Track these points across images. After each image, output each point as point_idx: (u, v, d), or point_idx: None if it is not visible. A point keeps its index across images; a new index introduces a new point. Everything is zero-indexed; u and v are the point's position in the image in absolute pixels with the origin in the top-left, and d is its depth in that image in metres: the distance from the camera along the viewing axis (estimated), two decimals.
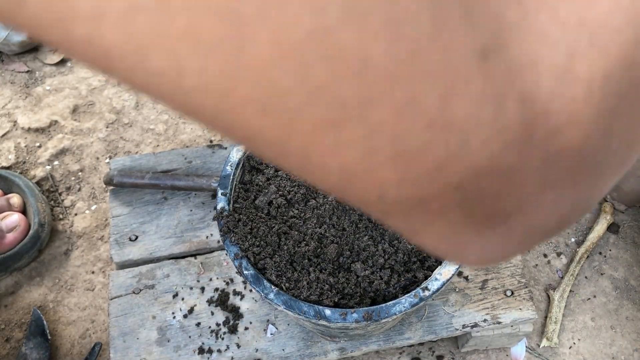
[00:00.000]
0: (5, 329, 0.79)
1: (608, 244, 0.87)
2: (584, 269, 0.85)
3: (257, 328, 0.69)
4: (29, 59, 1.07)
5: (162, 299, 0.71)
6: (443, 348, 0.78)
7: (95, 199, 0.90)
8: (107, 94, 1.03)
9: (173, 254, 0.75)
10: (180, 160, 0.81)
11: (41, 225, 0.82)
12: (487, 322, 0.69)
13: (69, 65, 1.07)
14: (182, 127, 0.99)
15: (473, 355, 0.78)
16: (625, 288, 0.84)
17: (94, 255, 0.85)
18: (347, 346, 0.67)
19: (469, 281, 0.72)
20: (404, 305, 0.47)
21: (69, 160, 0.95)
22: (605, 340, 0.80)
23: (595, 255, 0.86)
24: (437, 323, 0.69)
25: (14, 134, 0.97)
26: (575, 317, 0.81)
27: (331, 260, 0.51)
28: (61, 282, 0.83)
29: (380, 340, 0.68)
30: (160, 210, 0.78)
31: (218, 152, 0.82)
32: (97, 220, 0.88)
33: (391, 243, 0.52)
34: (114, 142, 0.97)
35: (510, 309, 0.70)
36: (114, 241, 0.75)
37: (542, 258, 0.86)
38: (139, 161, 0.81)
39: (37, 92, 1.03)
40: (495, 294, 0.71)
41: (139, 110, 1.01)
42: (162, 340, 0.69)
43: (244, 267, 0.49)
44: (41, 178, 0.92)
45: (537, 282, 0.84)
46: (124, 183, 0.77)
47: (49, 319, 0.80)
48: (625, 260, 0.86)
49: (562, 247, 0.87)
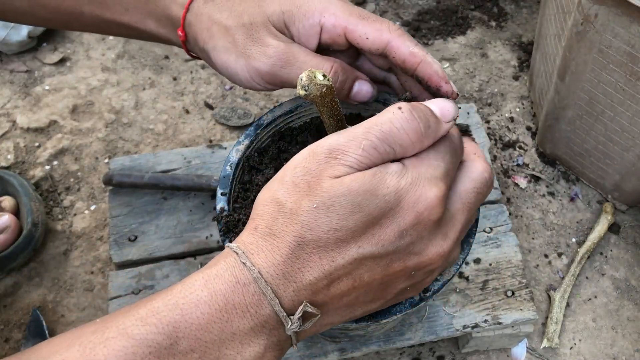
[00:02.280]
0: (5, 330, 0.79)
1: (609, 244, 0.87)
2: (585, 269, 0.85)
3: None
4: (28, 58, 1.07)
5: None
6: (443, 349, 0.78)
7: (94, 199, 0.90)
8: (106, 94, 1.03)
9: (172, 254, 0.75)
10: (180, 160, 0.81)
11: (34, 225, 0.82)
12: (488, 323, 0.68)
13: (68, 65, 1.06)
14: (182, 127, 0.98)
15: (473, 356, 0.77)
16: (626, 288, 0.84)
17: (93, 255, 0.85)
18: (348, 347, 0.67)
19: (470, 282, 0.71)
20: (404, 305, 0.47)
21: (68, 160, 0.94)
22: (606, 341, 0.79)
23: (596, 255, 0.86)
24: (438, 324, 0.68)
25: (13, 133, 0.97)
26: (576, 317, 0.81)
27: None
28: (60, 282, 0.83)
29: (380, 341, 0.68)
30: (160, 211, 0.77)
31: (217, 152, 0.82)
32: (96, 221, 0.88)
33: None
34: (113, 142, 0.97)
35: (510, 310, 0.69)
36: (113, 241, 0.75)
37: (543, 258, 0.86)
38: (138, 161, 0.81)
39: (36, 91, 1.02)
40: (495, 295, 0.70)
41: (138, 110, 1.01)
42: None
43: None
44: (40, 178, 0.92)
45: (537, 283, 0.83)
46: (123, 183, 0.77)
47: (48, 319, 0.80)
48: (626, 261, 0.86)
49: (563, 247, 0.87)
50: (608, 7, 0.62)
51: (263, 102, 1.02)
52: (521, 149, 0.96)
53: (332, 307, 0.38)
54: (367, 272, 0.36)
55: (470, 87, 1.04)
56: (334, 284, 0.36)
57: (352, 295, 0.37)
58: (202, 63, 1.07)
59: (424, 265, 0.38)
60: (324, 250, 0.35)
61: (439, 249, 0.38)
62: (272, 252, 0.36)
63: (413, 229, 0.36)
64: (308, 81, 0.37)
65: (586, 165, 0.88)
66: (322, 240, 0.35)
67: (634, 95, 0.69)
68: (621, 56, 0.66)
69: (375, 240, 0.36)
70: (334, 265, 0.36)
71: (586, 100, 0.76)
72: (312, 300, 0.36)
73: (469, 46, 1.10)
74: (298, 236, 0.35)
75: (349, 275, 0.36)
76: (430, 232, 0.37)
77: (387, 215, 0.36)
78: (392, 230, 0.36)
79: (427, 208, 0.36)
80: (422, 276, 0.40)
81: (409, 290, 0.41)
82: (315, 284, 0.36)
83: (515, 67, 1.07)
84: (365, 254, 0.36)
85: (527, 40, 1.10)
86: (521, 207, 0.90)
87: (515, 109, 1.01)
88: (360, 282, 0.37)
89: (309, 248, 0.35)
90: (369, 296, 0.39)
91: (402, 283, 0.39)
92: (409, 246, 0.37)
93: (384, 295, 0.39)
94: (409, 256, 0.37)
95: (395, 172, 0.36)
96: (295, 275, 0.36)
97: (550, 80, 0.83)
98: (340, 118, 0.43)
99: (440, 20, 1.13)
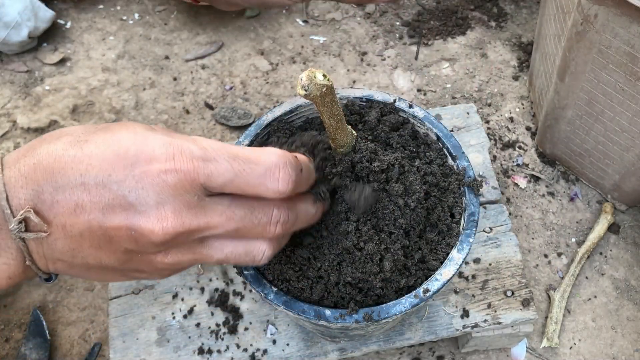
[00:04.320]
0: (5, 329, 0.79)
1: (609, 244, 0.87)
2: (585, 269, 0.85)
3: (257, 328, 0.69)
4: (29, 58, 1.07)
5: (161, 299, 0.71)
6: (443, 348, 0.78)
7: None
8: (106, 94, 1.03)
9: None
10: None
11: None
12: (488, 323, 0.68)
13: (69, 65, 1.06)
14: (182, 127, 0.99)
15: (473, 356, 0.78)
16: (626, 288, 0.84)
17: None
18: (347, 346, 0.67)
19: (470, 281, 0.71)
20: (404, 305, 0.47)
21: None
22: (605, 341, 0.80)
23: (595, 255, 0.86)
24: (438, 323, 0.68)
25: (13, 134, 0.97)
26: (575, 317, 0.81)
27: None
28: (60, 282, 0.83)
29: (380, 341, 0.68)
30: None
31: None
32: None
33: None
34: None
35: (510, 310, 0.69)
36: None
37: (542, 258, 0.86)
38: None
39: (36, 92, 1.03)
40: (495, 295, 0.70)
41: (138, 110, 1.01)
42: (162, 341, 0.68)
43: (244, 267, 0.49)
44: None
45: (537, 283, 0.84)
46: None
47: (48, 319, 0.80)
48: (626, 261, 0.86)
49: (562, 247, 0.87)
50: (608, 7, 0.63)
51: (263, 102, 1.02)
52: (521, 149, 0.96)
53: (58, 233, 0.37)
54: (89, 201, 0.36)
55: (470, 87, 1.04)
56: (57, 201, 0.36)
57: (75, 228, 0.37)
58: (202, 63, 1.07)
59: (142, 229, 0.36)
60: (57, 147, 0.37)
61: (162, 216, 0.36)
62: (23, 151, 0.38)
63: (141, 178, 0.36)
64: (308, 81, 0.37)
65: (586, 165, 0.88)
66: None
67: (634, 95, 0.69)
68: (621, 56, 0.66)
69: (105, 167, 0.36)
70: (61, 174, 0.36)
71: (586, 101, 0.76)
72: (39, 210, 0.36)
73: (469, 46, 1.10)
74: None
75: (71, 195, 0.36)
76: (158, 194, 0.36)
77: (127, 154, 0.36)
78: (123, 168, 0.36)
79: (163, 169, 0.36)
80: (149, 248, 0.38)
81: (140, 262, 0.39)
82: (42, 190, 0.36)
83: (515, 67, 1.07)
84: (91, 175, 0.36)
85: (527, 40, 1.10)
86: (521, 207, 0.90)
87: (514, 109, 1.01)
88: (81, 211, 0.36)
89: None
90: (94, 242, 0.37)
91: (125, 243, 0.37)
92: (131, 194, 0.36)
93: (111, 251, 0.38)
94: (125, 201, 0.36)
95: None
96: (27, 171, 0.36)
97: (550, 81, 0.83)
98: (340, 118, 0.43)
99: (440, 21, 1.13)
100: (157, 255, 0.39)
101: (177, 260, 0.39)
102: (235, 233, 0.40)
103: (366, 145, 0.48)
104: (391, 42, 1.10)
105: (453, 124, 0.83)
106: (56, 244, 0.37)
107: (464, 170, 0.54)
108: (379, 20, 1.14)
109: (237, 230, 0.40)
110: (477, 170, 0.80)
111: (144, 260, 0.39)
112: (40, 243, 0.37)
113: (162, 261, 0.39)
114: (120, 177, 0.36)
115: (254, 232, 0.41)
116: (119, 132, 0.37)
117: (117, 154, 0.36)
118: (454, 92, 1.04)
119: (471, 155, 0.80)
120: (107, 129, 0.38)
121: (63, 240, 0.37)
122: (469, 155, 0.79)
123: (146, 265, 0.40)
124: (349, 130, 0.46)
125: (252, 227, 0.40)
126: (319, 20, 1.14)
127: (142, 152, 0.36)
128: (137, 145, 0.36)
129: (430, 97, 1.03)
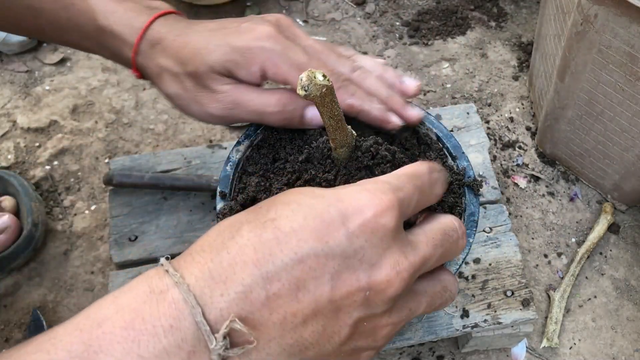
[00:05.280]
0: (5, 330, 0.79)
1: (609, 244, 0.87)
2: (585, 269, 0.85)
3: None
4: (29, 58, 1.07)
5: None
6: (443, 348, 0.78)
7: (94, 199, 0.90)
8: (106, 94, 1.03)
9: (173, 254, 0.75)
10: (180, 160, 0.81)
11: (35, 225, 0.82)
12: (488, 323, 0.68)
13: (69, 65, 1.06)
14: (182, 127, 0.99)
15: (473, 356, 0.78)
16: (626, 288, 0.84)
17: (94, 255, 0.85)
18: None
19: (469, 281, 0.71)
20: None
21: (69, 160, 0.94)
22: (605, 341, 0.80)
23: (595, 255, 0.86)
24: (438, 323, 0.68)
25: (13, 134, 0.97)
26: (575, 317, 0.81)
27: None
28: (60, 282, 0.83)
29: None
30: (160, 211, 0.77)
31: (218, 152, 0.82)
32: (96, 221, 0.88)
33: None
34: (114, 142, 0.97)
35: (510, 310, 0.69)
36: (114, 241, 0.75)
37: (542, 258, 0.86)
38: (138, 161, 0.81)
39: (36, 92, 1.03)
40: (495, 295, 0.70)
41: (138, 110, 1.01)
42: None
43: None
44: (40, 178, 0.92)
45: (537, 283, 0.84)
46: (124, 183, 0.77)
47: (48, 319, 0.80)
48: (626, 261, 0.86)
49: (562, 247, 0.87)
50: (608, 7, 0.63)
51: None
52: (521, 149, 0.96)
53: (273, 332, 0.31)
54: (312, 278, 0.31)
55: (470, 87, 1.04)
56: (273, 294, 0.30)
57: (298, 316, 0.31)
58: None
59: (378, 284, 0.33)
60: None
61: (394, 262, 0.33)
62: (202, 257, 0.32)
63: (361, 232, 0.32)
64: (308, 81, 0.37)
65: (586, 165, 0.88)
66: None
67: (634, 95, 0.69)
68: (621, 56, 0.66)
69: (318, 236, 0.32)
70: (270, 261, 0.31)
71: (586, 101, 0.76)
72: (246, 315, 0.30)
73: (469, 46, 1.10)
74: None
75: (290, 279, 0.31)
76: (382, 241, 0.33)
77: (331, 216, 0.33)
78: (336, 230, 0.32)
79: (376, 213, 0.33)
80: (380, 306, 0.34)
81: (362, 334, 0.35)
82: (250, 289, 0.30)
83: (515, 68, 1.07)
84: (306, 249, 0.31)
85: (527, 40, 1.10)
86: (521, 207, 0.90)
87: (514, 109, 1.01)
88: (305, 292, 0.31)
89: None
90: (319, 324, 0.32)
91: (357, 311, 0.33)
92: (358, 251, 0.32)
93: (337, 327, 0.33)
94: (352, 262, 0.32)
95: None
96: (224, 274, 0.30)
97: (549, 81, 0.83)
98: (340, 118, 0.43)
99: (440, 21, 1.13)
100: (382, 318, 0.35)
101: (397, 320, 0.36)
102: (441, 259, 0.37)
103: (372, 138, 0.48)
104: (391, 42, 1.10)
105: (453, 124, 0.83)
106: (269, 348, 0.31)
107: (464, 170, 0.54)
108: (379, 20, 1.14)
109: (442, 257, 0.37)
110: (477, 170, 0.80)
111: (369, 328, 0.35)
112: (246, 356, 0.31)
113: (387, 322, 0.35)
114: (339, 240, 0.32)
115: (453, 253, 0.38)
116: (301, 200, 0.33)
117: (322, 220, 0.32)
118: (454, 92, 1.04)
119: (471, 155, 0.80)
120: (277, 203, 0.34)
121: (278, 341, 0.31)
122: (469, 155, 0.79)
123: (368, 334, 0.35)
124: (349, 130, 0.46)
125: (450, 247, 0.38)
126: (318, 20, 1.14)
127: (345, 207, 0.33)
128: (334, 203, 0.33)
129: (430, 97, 1.03)
